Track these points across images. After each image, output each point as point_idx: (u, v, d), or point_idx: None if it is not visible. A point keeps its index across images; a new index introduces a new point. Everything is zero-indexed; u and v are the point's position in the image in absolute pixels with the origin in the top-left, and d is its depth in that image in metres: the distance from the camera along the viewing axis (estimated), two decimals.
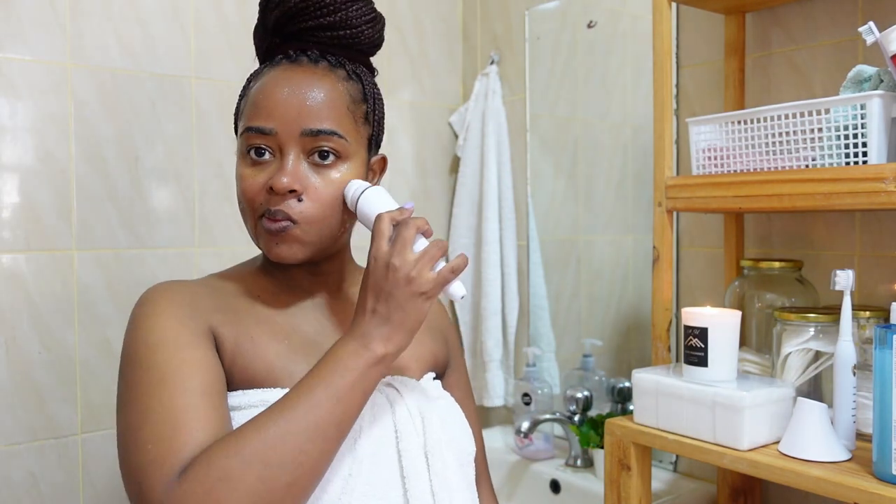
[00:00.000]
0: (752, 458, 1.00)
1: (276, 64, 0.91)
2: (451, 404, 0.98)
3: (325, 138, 0.87)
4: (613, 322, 1.73)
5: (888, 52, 0.98)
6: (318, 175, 0.87)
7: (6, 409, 1.44)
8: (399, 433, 0.87)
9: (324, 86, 0.88)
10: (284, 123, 0.86)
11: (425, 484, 0.87)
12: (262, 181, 0.87)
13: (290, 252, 0.88)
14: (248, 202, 0.88)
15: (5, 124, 1.43)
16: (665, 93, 1.26)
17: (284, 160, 0.86)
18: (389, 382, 0.92)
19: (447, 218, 2.04)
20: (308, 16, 0.90)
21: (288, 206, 0.86)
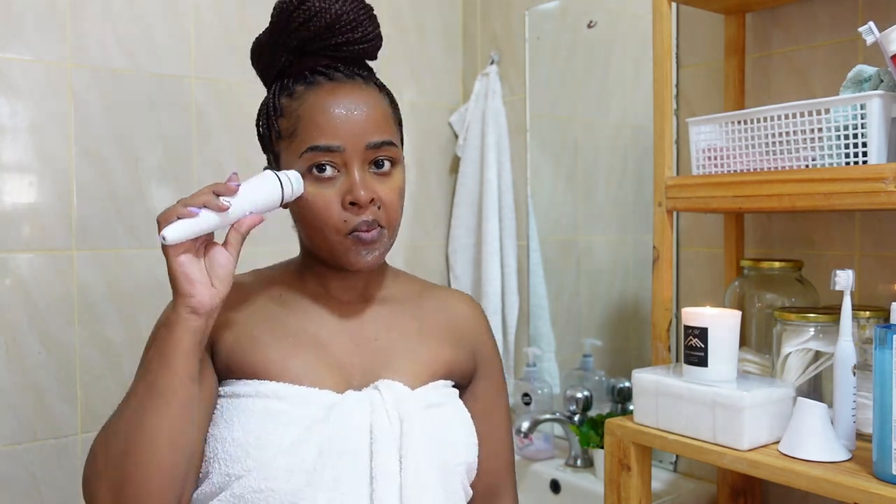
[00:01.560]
0: (752, 458, 1.00)
1: (316, 83, 0.95)
2: (453, 412, 0.99)
3: (385, 149, 0.95)
4: (613, 322, 1.73)
5: (888, 52, 0.98)
6: (382, 183, 0.95)
7: (6, 409, 1.44)
8: (374, 435, 0.90)
9: (371, 100, 0.95)
10: (350, 139, 0.92)
11: (394, 487, 0.89)
12: (334, 197, 0.92)
13: (377, 258, 0.95)
14: (329, 220, 0.92)
15: (5, 124, 1.43)
16: (665, 93, 1.26)
17: (352, 174, 0.92)
18: (376, 385, 0.94)
19: (447, 218, 2.04)
20: (334, 33, 0.95)
21: (375, 214, 0.93)
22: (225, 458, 0.89)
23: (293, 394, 0.91)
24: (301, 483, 0.87)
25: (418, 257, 1.99)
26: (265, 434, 0.88)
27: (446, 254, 2.03)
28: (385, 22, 1.02)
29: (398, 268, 1.13)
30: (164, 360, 0.84)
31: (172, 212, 0.84)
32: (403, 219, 1.92)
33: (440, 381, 1.01)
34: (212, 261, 0.87)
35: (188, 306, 0.84)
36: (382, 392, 0.93)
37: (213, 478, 0.89)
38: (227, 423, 0.90)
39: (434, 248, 2.03)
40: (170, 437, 0.84)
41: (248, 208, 0.88)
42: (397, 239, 1.01)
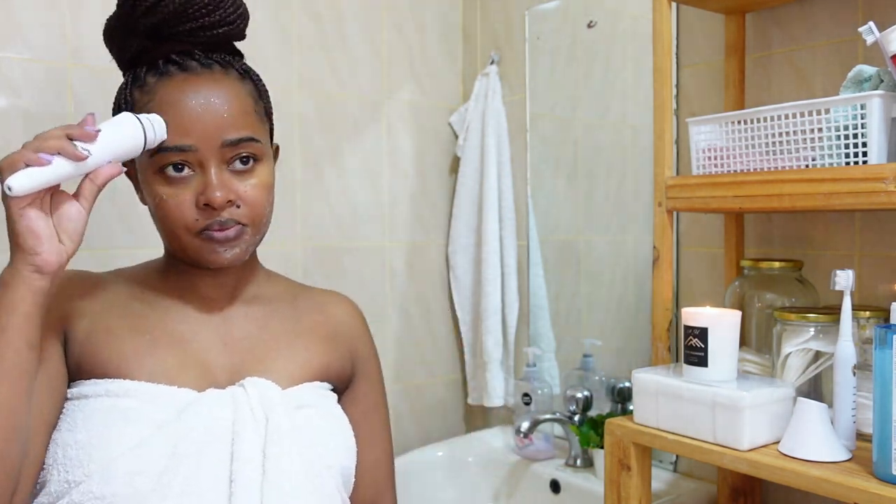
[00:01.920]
0: (752, 458, 1.00)
1: (168, 74, 0.88)
2: (324, 414, 0.94)
3: (245, 145, 0.88)
4: (613, 322, 1.73)
5: (888, 52, 0.98)
6: (243, 181, 0.89)
7: None
8: (235, 434, 0.84)
9: (229, 93, 0.88)
10: (204, 138, 0.85)
11: (254, 489, 0.83)
12: (188, 198, 0.87)
13: (238, 255, 0.90)
14: (180, 220, 0.87)
15: (4, 123, 1.43)
16: (665, 93, 1.26)
17: (208, 174, 0.86)
18: (242, 382, 0.89)
19: (447, 218, 2.04)
20: (186, 18, 0.88)
21: (232, 213, 0.87)
22: (65, 463, 0.80)
23: (144, 391, 0.84)
24: (147, 488, 0.79)
25: (418, 257, 1.99)
26: (109, 434, 0.81)
27: (446, 254, 2.03)
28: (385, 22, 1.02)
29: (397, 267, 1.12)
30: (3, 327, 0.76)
31: (19, 158, 0.74)
32: (404, 218, 1.96)
33: (315, 382, 0.96)
34: (61, 214, 0.79)
35: (32, 265, 0.76)
36: (248, 389, 0.87)
37: (50, 486, 0.81)
38: (69, 425, 0.83)
39: (434, 248, 2.03)
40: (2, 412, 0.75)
41: (107, 157, 0.80)
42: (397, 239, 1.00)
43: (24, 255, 0.76)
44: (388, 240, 1.94)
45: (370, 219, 1.89)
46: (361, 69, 1.86)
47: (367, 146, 1.88)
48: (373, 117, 1.89)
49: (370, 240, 1.90)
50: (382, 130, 1.92)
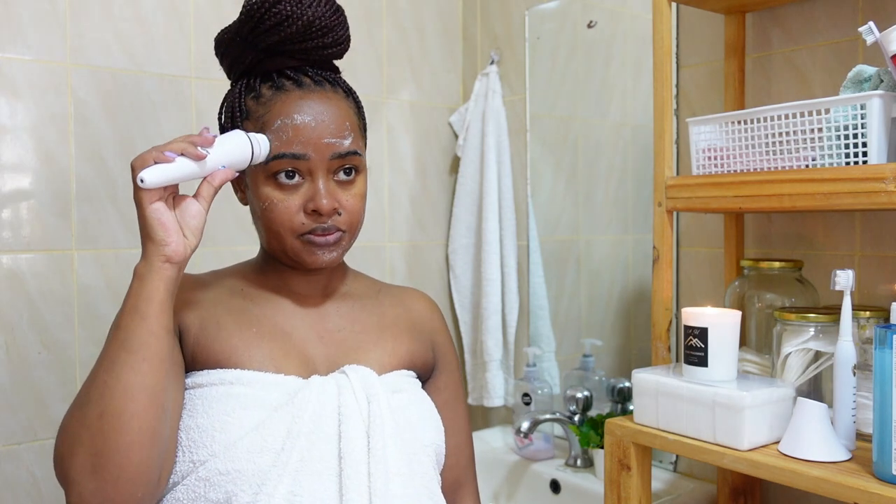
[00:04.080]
0: (752, 458, 1.00)
1: (284, 89, 0.96)
2: (416, 398, 1.02)
3: (350, 158, 0.96)
4: (613, 322, 1.73)
5: (888, 52, 0.98)
6: (345, 190, 0.97)
7: (6, 408, 1.44)
8: (342, 415, 0.91)
9: (338, 110, 0.97)
10: (317, 149, 0.94)
11: (362, 466, 0.89)
12: (297, 203, 0.94)
13: (334, 258, 0.98)
14: (287, 223, 0.95)
15: (5, 124, 1.43)
16: (665, 93, 1.26)
17: (316, 182, 0.94)
18: (343, 369, 0.96)
19: (447, 218, 2.04)
20: (306, 37, 0.96)
21: (334, 220, 0.96)
22: (189, 446, 0.88)
23: (257, 380, 0.91)
24: (267, 464, 0.87)
25: (418, 257, 1.99)
26: (229, 418, 0.88)
27: (446, 254, 2.03)
28: (385, 22, 1.02)
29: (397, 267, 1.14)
30: (137, 312, 0.84)
31: (148, 156, 0.83)
32: (404, 218, 1.96)
33: (404, 370, 1.04)
34: (183, 211, 0.87)
35: (163, 255, 0.84)
36: (350, 375, 0.95)
37: (178, 467, 0.89)
38: (190, 411, 0.90)
39: (434, 248, 2.03)
40: (150, 393, 0.83)
41: (222, 161, 0.89)
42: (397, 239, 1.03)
43: (155, 247, 0.84)
44: (388, 240, 1.94)
45: (370, 219, 1.89)
46: (361, 69, 1.86)
47: (368, 146, 1.88)
48: (373, 117, 1.89)
49: (370, 240, 1.90)
50: (382, 130, 1.92)
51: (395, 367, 1.03)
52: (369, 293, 1.10)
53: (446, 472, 1.08)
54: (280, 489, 0.86)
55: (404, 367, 1.04)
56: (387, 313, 1.08)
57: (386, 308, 1.09)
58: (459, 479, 1.12)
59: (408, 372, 1.04)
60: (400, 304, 1.11)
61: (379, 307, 1.08)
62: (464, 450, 1.12)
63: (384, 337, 1.05)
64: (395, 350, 1.04)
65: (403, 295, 1.13)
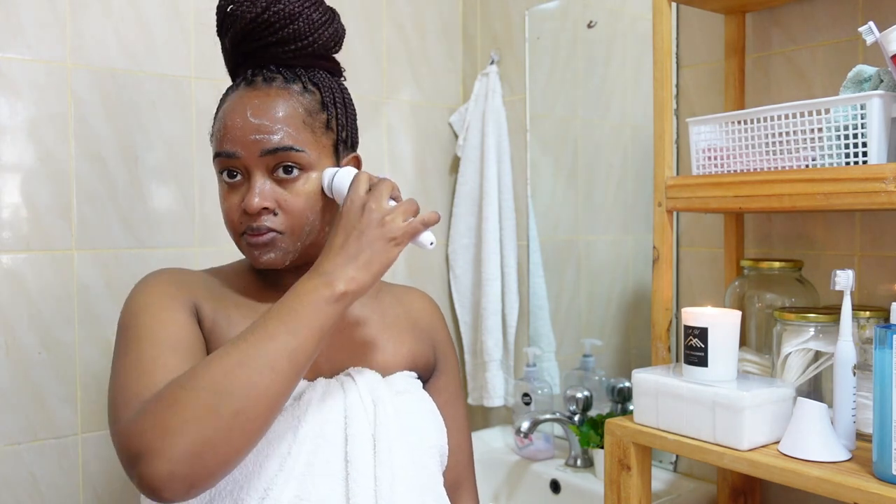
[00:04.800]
0: (752, 458, 1.00)
1: (236, 88, 0.97)
2: (420, 399, 1.02)
3: (284, 155, 0.92)
4: (613, 322, 1.73)
5: (888, 52, 0.98)
6: (286, 189, 0.94)
7: (6, 409, 1.44)
8: (348, 418, 0.91)
9: (276, 105, 0.93)
10: (245, 147, 0.92)
11: (369, 469, 0.89)
12: (237, 202, 0.94)
13: (274, 259, 0.95)
14: (230, 222, 0.96)
15: (5, 124, 1.43)
16: (665, 93, 1.26)
17: (252, 181, 0.93)
18: (348, 372, 0.96)
19: (447, 218, 2.04)
20: (258, 35, 0.95)
21: (269, 219, 0.93)
22: None
23: None
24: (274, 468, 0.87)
25: (418, 257, 1.99)
26: None
27: (446, 254, 2.03)
28: (385, 22, 1.02)
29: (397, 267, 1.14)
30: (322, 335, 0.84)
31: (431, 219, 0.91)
32: None
33: (406, 371, 1.04)
34: None
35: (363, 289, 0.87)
36: (355, 378, 0.95)
37: None
38: None
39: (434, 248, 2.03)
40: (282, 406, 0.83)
41: None
42: None
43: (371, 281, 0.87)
44: None
45: None
46: (361, 69, 1.86)
47: (367, 146, 1.88)
48: (373, 117, 1.89)
49: None
50: (382, 130, 1.92)
51: (399, 368, 1.03)
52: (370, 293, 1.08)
53: (446, 471, 1.08)
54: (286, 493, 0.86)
55: (407, 367, 1.05)
56: (387, 313, 1.07)
57: (386, 308, 1.08)
58: (459, 479, 1.12)
59: (410, 373, 1.04)
60: (400, 304, 1.10)
61: (379, 307, 1.07)
62: (463, 449, 1.13)
63: (385, 337, 1.04)
64: (398, 351, 1.04)
65: (404, 294, 1.13)
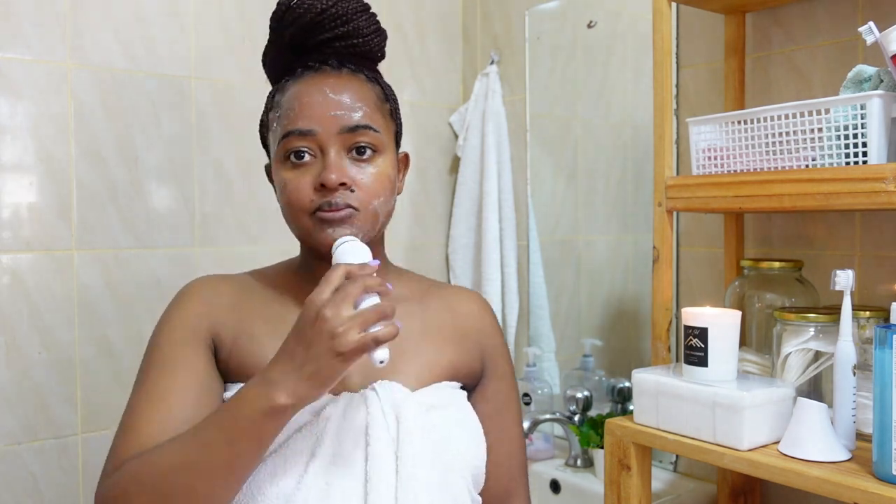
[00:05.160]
0: (752, 458, 1.00)
1: (300, 76, 0.95)
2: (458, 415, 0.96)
3: (363, 132, 0.92)
4: (613, 322, 1.73)
5: (888, 52, 0.98)
6: (360, 169, 0.92)
7: (6, 408, 1.44)
8: (370, 436, 0.88)
9: (352, 86, 0.94)
10: (323, 123, 0.91)
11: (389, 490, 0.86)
12: (308, 181, 0.91)
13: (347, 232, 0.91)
14: (297, 203, 0.91)
15: (5, 124, 1.43)
16: (665, 93, 1.26)
17: (327, 158, 0.91)
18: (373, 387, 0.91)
19: (447, 218, 2.04)
20: (323, 28, 0.95)
21: (345, 196, 0.90)
22: None
23: None
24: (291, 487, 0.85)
25: (418, 257, 1.99)
26: None
27: (446, 254, 2.03)
28: (385, 22, 1.02)
29: None
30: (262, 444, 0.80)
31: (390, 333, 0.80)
32: (403, 219, 1.95)
33: (444, 382, 0.98)
34: None
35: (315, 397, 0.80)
36: (379, 393, 0.90)
37: None
38: None
39: (434, 248, 2.03)
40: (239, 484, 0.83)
41: None
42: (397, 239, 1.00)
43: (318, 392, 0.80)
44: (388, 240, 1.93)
45: None
46: None
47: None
48: None
49: None
50: None
51: (435, 379, 0.97)
52: (414, 296, 1.03)
53: (496, 481, 1.03)
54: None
55: (445, 378, 0.98)
56: (431, 319, 1.02)
57: (431, 313, 1.03)
58: (510, 489, 1.05)
59: (449, 383, 0.98)
60: (447, 308, 1.04)
61: (423, 312, 1.02)
62: (515, 458, 1.06)
63: (425, 346, 0.99)
64: (437, 360, 0.98)
65: (452, 297, 1.07)
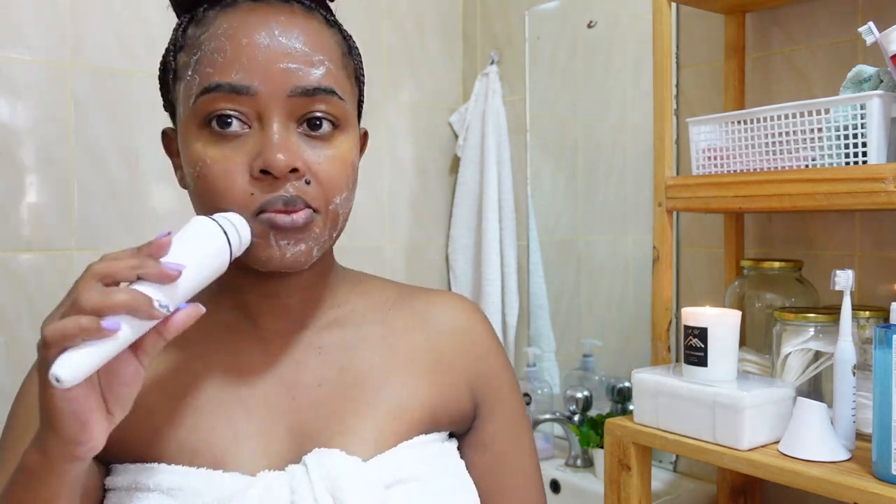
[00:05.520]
0: (751, 457, 1.00)
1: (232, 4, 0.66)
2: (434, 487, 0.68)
3: (322, 99, 0.64)
4: (613, 322, 1.73)
5: (888, 52, 0.98)
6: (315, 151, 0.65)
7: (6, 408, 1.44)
8: None
9: (310, 30, 0.66)
10: (268, 79, 0.62)
11: None
12: (241, 163, 0.63)
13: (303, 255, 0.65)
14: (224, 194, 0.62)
15: (6, 124, 1.43)
16: (665, 93, 1.26)
17: (268, 130, 0.63)
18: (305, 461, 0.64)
19: (447, 218, 2.04)
20: None
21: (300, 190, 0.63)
22: None
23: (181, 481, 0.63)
24: None
25: (418, 257, 1.99)
26: None
27: (446, 254, 2.03)
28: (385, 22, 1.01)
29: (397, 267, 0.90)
30: None
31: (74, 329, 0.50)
32: (404, 218, 1.95)
33: (420, 437, 0.70)
34: (113, 378, 0.54)
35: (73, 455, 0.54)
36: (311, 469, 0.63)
37: None
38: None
39: (434, 248, 2.03)
40: None
41: (185, 297, 0.55)
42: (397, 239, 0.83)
43: (62, 445, 0.53)
44: (388, 240, 1.94)
45: (370, 219, 1.89)
46: None
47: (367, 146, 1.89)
48: (373, 117, 1.89)
49: (370, 240, 1.90)
50: (382, 130, 1.92)
51: (403, 437, 0.69)
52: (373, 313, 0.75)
53: None
54: None
55: (419, 431, 0.70)
56: (398, 344, 0.73)
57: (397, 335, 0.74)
58: None
59: (426, 437, 0.71)
60: (419, 326, 0.75)
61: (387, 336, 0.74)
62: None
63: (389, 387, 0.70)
64: (406, 407, 0.70)
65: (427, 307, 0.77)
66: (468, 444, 0.76)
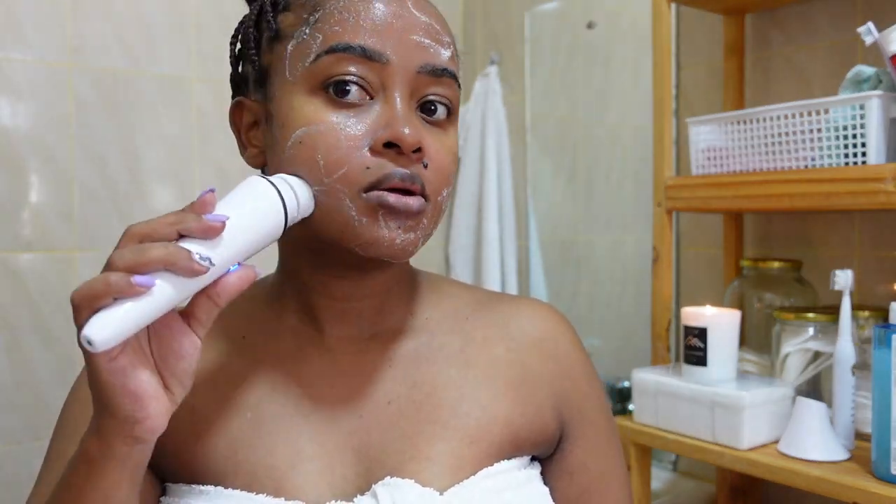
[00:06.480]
0: (751, 457, 1.00)
1: None
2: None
3: (447, 82, 0.61)
4: (613, 322, 1.73)
5: (887, 52, 0.98)
6: (435, 138, 0.60)
7: (7, 408, 1.44)
8: None
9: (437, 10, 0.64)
10: (402, 49, 0.58)
11: None
12: (359, 130, 0.57)
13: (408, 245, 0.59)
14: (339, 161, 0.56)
15: (5, 124, 1.43)
16: (665, 93, 1.26)
17: (392, 103, 0.58)
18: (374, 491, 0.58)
19: (447, 218, 2.04)
20: None
21: (419, 172, 0.58)
22: None
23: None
24: None
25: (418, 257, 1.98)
26: None
27: (446, 254, 2.03)
28: None
29: None
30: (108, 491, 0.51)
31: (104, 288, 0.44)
32: None
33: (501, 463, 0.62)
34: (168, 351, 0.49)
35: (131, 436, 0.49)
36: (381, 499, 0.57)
37: None
38: None
39: (434, 248, 2.03)
40: None
41: (235, 256, 0.50)
42: None
43: (118, 425, 0.48)
44: None
45: None
46: None
47: None
48: None
49: None
50: None
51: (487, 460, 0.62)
52: (449, 322, 0.68)
53: None
54: None
55: (501, 456, 0.63)
56: (476, 358, 0.66)
57: (476, 347, 0.66)
58: None
59: (507, 463, 0.63)
60: (500, 337, 0.68)
61: (464, 348, 0.66)
62: None
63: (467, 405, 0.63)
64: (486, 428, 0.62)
65: (509, 317, 0.69)
66: (552, 470, 0.68)
